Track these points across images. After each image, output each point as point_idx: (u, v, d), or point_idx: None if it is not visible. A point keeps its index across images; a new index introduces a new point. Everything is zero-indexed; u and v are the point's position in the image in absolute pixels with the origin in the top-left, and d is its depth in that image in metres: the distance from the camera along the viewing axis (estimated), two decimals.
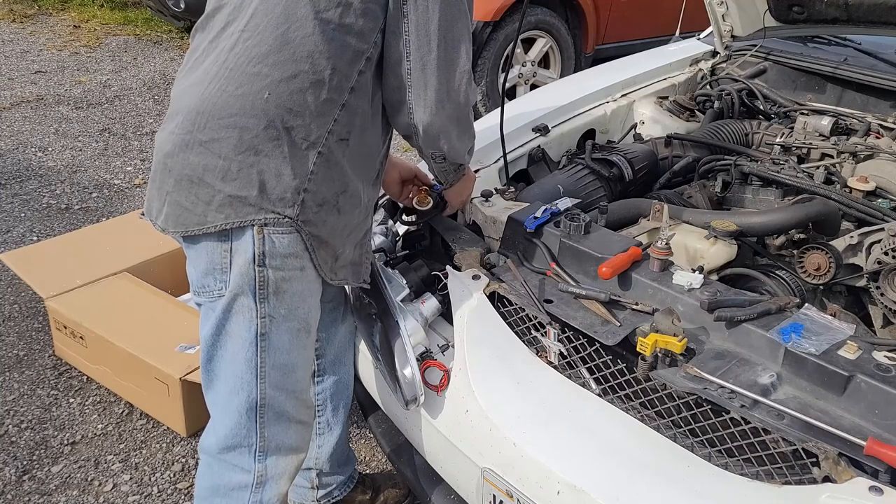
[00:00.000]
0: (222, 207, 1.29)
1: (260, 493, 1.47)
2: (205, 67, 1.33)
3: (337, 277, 1.45)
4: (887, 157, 1.91)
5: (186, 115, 1.31)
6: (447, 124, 1.42)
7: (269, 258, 1.31)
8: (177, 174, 1.32)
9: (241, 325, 1.35)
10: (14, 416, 2.40)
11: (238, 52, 1.29)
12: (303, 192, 1.30)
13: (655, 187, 2.08)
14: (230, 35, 1.31)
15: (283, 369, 1.41)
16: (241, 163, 1.28)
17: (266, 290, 1.33)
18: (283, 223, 1.30)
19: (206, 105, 1.29)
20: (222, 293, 1.34)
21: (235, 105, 1.27)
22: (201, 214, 1.30)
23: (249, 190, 1.28)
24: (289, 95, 1.27)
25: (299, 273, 1.36)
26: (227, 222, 1.29)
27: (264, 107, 1.27)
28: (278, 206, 1.29)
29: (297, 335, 1.41)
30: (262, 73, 1.27)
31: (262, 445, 1.45)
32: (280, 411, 1.44)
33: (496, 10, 4.57)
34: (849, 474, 1.09)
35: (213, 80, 1.30)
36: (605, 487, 1.21)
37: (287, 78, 1.27)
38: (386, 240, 1.77)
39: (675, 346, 1.26)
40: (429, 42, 1.33)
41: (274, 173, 1.28)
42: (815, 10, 2.41)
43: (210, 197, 1.29)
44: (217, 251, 1.32)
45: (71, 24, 6.91)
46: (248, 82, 1.27)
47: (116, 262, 2.73)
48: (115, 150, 4.42)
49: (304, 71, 1.27)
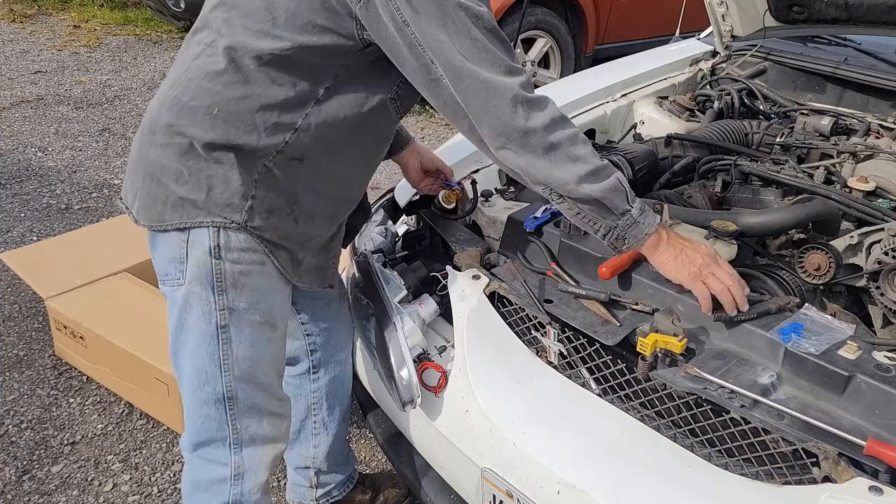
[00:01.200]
0: (176, 208, 1.32)
1: (240, 485, 1.48)
2: (173, 70, 1.37)
3: (302, 281, 1.46)
4: (887, 157, 1.90)
5: (149, 116, 1.36)
6: (519, 160, 1.24)
7: (225, 251, 1.33)
8: (143, 171, 1.36)
9: (199, 318, 1.37)
10: (14, 416, 2.40)
11: (198, 64, 1.30)
12: (250, 198, 1.31)
13: (655, 187, 2.08)
14: (197, 43, 1.33)
15: (247, 362, 1.41)
16: (191, 168, 1.30)
17: (224, 283, 1.34)
18: (232, 227, 1.32)
19: (163, 110, 1.32)
20: (181, 282, 1.36)
21: (187, 115, 1.29)
22: (160, 212, 1.34)
23: (198, 194, 1.30)
24: (237, 114, 1.27)
25: (259, 267, 1.37)
26: (180, 222, 1.32)
27: (212, 122, 1.27)
28: (225, 212, 1.31)
29: (260, 328, 1.41)
30: (213, 90, 1.27)
31: (236, 437, 1.46)
32: (250, 403, 1.45)
33: (496, 10, 4.57)
34: (849, 474, 1.09)
35: (172, 87, 1.33)
36: (605, 487, 1.21)
37: (237, 98, 1.27)
38: (385, 240, 1.77)
39: (675, 346, 1.26)
40: (427, 74, 1.21)
41: (222, 179, 1.30)
42: (815, 10, 2.40)
43: (165, 197, 1.32)
44: (176, 242, 1.34)
45: (71, 24, 6.90)
46: (201, 96, 1.28)
47: (116, 262, 2.73)
48: (115, 150, 4.42)
49: (255, 94, 1.27)
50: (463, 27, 1.18)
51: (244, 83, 1.26)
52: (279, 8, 1.24)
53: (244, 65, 1.26)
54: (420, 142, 1.92)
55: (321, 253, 1.48)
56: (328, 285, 1.54)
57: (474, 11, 1.19)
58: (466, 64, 1.19)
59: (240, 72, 1.26)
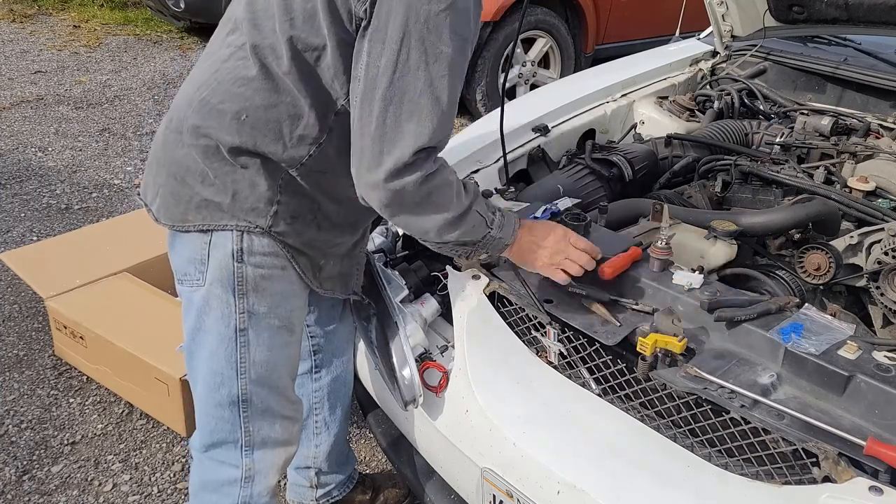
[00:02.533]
0: (200, 209, 1.32)
1: (250, 488, 1.48)
2: (202, 70, 1.35)
3: (323, 288, 1.46)
4: (887, 157, 1.90)
5: (176, 115, 1.35)
6: (385, 207, 1.22)
7: (248, 255, 1.32)
8: (166, 169, 1.35)
9: (219, 320, 1.36)
10: (14, 416, 2.40)
11: (229, 67, 1.29)
12: (275, 203, 1.31)
13: (655, 187, 2.08)
14: (229, 45, 1.32)
15: (264, 366, 1.41)
16: (217, 170, 1.29)
17: (245, 287, 1.34)
18: (256, 231, 1.31)
19: (191, 111, 1.31)
20: (201, 283, 1.35)
21: (215, 118, 1.28)
22: (183, 212, 1.33)
23: (223, 197, 1.30)
24: (265, 123, 1.27)
25: (280, 272, 1.37)
26: (204, 224, 1.32)
27: (239, 127, 1.27)
28: (250, 216, 1.31)
29: (279, 333, 1.41)
30: (244, 96, 1.27)
31: (248, 440, 1.45)
32: (264, 407, 1.45)
33: (496, 10, 4.57)
34: (849, 474, 1.09)
35: (201, 87, 1.32)
36: (605, 487, 1.21)
37: (266, 106, 1.27)
38: (386, 240, 1.77)
39: (675, 346, 1.26)
40: (371, 101, 1.16)
41: (248, 183, 1.30)
42: (815, 10, 2.40)
43: (189, 197, 1.32)
44: (198, 243, 1.34)
45: (71, 24, 6.90)
46: (230, 100, 1.28)
47: (116, 262, 2.73)
48: (115, 150, 4.42)
49: (284, 102, 1.26)
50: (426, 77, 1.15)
51: (274, 91, 1.26)
52: (297, 9, 1.22)
53: (274, 72, 1.25)
54: None
55: (345, 259, 1.48)
56: (353, 292, 1.54)
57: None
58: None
59: (270, 79, 1.26)
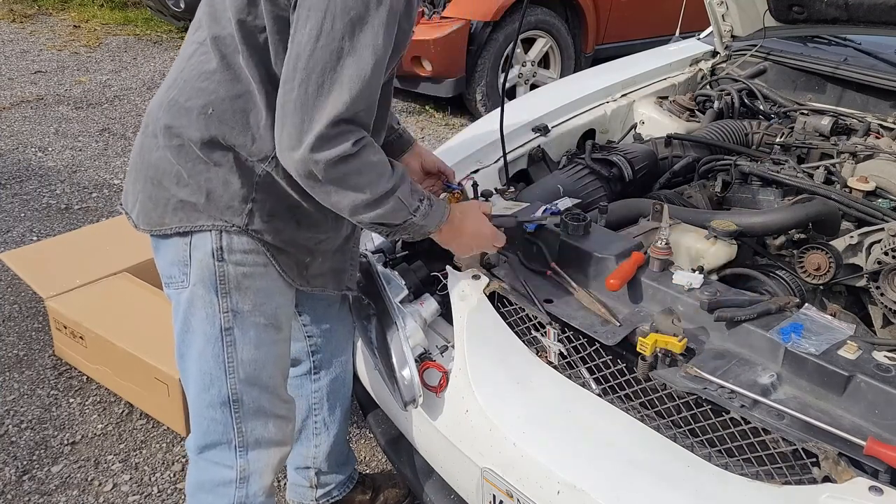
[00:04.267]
0: (176, 211, 1.32)
1: (245, 488, 1.48)
2: (172, 71, 1.37)
3: (312, 286, 1.45)
4: (887, 157, 1.90)
5: (150, 118, 1.36)
6: (301, 178, 1.20)
7: (228, 253, 1.33)
8: (143, 174, 1.35)
9: (203, 320, 1.37)
10: (14, 416, 2.40)
11: (193, 64, 1.30)
12: (250, 201, 1.31)
13: (655, 187, 2.08)
14: (191, 43, 1.33)
15: (252, 364, 1.41)
16: (190, 170, 1.30)
17: (227, 285, 1.34)
18: (233, 230, 1.31)
19: (162, 112, 1.32)
20: (185, 285, 1.36)
21: (184, 116, 1.29)
22: (160, 215, 1.33)
23: (198, 197, 1.30)
24: (231, 114, 1.27)
25: (262, 269, 1.37)
26: (180, 226, 1.32)
27: (207, 122, 1.27)
28: (226, 215, 1.31)
29: (265, 330, 1.41)
30: (208, 89, 1.27)
31: (242, 440, 1.46)
32: (256, 406, 1.45)
33: (496, 10, 4.58)
34: (849, 474, 1.09)
35: (170, 88, 1.33)
36: (604, 487, 1.21)
37: (231, 97, 1.27)
38: (385, 240, 1.77)
39: (675, 346, 1.26)
40: (295, 69, 1.14)
41: (222, 181, 1.30)
42: (815, 10, 2.40)
43: (166, 200, 1.32)
44: (179, 245, 1.34)
45: (71, 23, 6.90)
46: (196, 96, 1.28)
47: (116, 262, 2.73)
48: (115, 150, 4.42)
49: (248, 92, 1.26)
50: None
51: (236, 81, 1.26)
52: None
53: (234, 62, 1.25)
54: (420, 142, 1.91)
55: (336, 255, 1.48)
56: (346, 288, 1.53)
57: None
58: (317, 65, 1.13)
59: (230, 69, 1.26)
